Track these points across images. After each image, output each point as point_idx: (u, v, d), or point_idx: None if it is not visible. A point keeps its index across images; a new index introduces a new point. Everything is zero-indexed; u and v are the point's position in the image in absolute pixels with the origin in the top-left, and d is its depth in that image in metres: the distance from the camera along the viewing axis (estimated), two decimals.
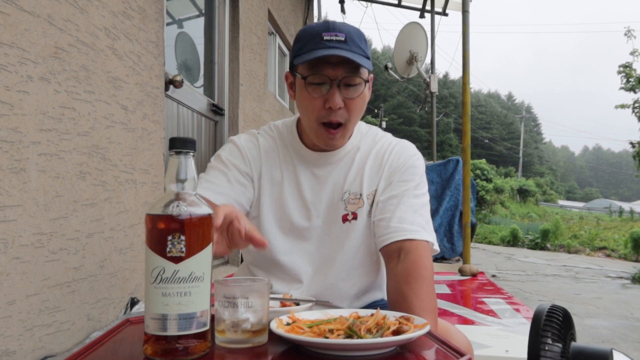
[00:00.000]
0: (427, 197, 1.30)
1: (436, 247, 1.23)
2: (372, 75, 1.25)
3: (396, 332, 0.82)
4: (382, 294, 1.41)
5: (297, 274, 1.29)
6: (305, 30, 1.19)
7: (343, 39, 1.15)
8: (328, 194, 1.29)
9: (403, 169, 1.29)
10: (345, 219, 1.28)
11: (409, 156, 1.31)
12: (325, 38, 1.14)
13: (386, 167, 1.30)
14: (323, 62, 1.15)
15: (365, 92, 1.21)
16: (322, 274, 1.29)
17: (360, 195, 1.29)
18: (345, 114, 1.19)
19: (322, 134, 1.21)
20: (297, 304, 1.04)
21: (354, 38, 1.16)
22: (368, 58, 1.19)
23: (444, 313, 2.59)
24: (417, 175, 1.29)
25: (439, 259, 4.91)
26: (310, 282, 1.28)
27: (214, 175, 1.26)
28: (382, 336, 0.80)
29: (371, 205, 1.28)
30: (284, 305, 1.03)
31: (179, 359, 0.75)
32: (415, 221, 1.20)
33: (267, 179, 1.30)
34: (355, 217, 1.28)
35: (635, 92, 9.62)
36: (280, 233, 1.29)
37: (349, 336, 0.80)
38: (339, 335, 0.80)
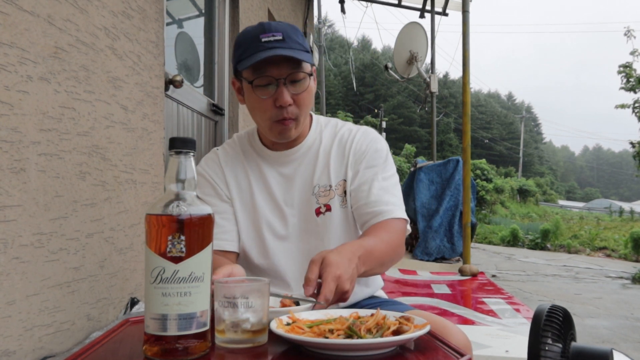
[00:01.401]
0: (396, 178, 1.34)
1: (408, 227, 1.29)
2: (314, 67, 1.29)
3: (396, 332, 0.82)
4: (369, 290, 1.41)
5: (282, 275, 1.29)
6: (243, 35, 1.22)
7: (281, 37, 1.17)
8: (299, 191, 1.31)
9: (367, 154, 1.31)
10: (318, 212, 1.30)
11: (371, 140, 1.34)
12: (263, 40, 1.17)
13: (350, 155, 1.32)
14: (266, 64, 1.17)
15: (311, 85, 1.25)
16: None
17: (330, 186, 1.31)
18: (295, 109, 1.23)
19: (276, 128, 1.24)
20: (297, 304, 1.04)
21: (290, 35, 1.19)
22: (308, 52, 1.22)
23: (444, 313, 2.59)
24: (382, 158, 1.33)
25: (439, 259, 4.91)
26: (297, 281, 1.28)
27: None
28: (382, 336, 0.80)
29: (342, 195, 1.31)
30: (284, 306, 1.03)
31: (179, 359, 0.75)
32: (389, 201, 1.26)
33: (235, 187, 1.34)
34: (328, 208, 1.30)
35: (635, 92, 9.61)
36: (258, 237, 1.31)
37: (349, 336, 0.80)
38: (339, 335, 0.80)
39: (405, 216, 1.27)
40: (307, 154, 1.33)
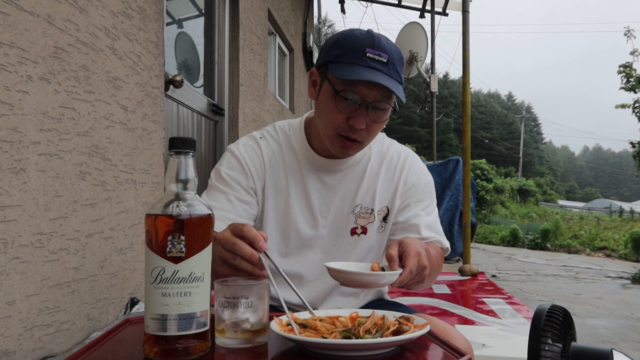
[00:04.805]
0: (436, 209, 1.36)
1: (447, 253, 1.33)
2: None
3: (396, 332, 0.82)
4: (378, 293, 1.42)
5: (298, 280, 1.27)
6: (348, 38, 1.14)
7: (385, 60, 1.11)
8: (337, 204, 1.27)
9: (419, 188, 1.31)
10: (354, 231, 1.27)
11: (420, 173, 1.34)
12: (368, 55, 1.10)
13: (400, 184, 1.30)
14: (360, 81, 1.11)
15: (388, 116, 1.19)
16: (324, 282, 1.27)
17: (372, 210, 1.28)
18: (364, 134, 1.17)
19: (337, 142, 1.18)
20: (383, 270, 1.01)
21: (394, 61, 1.13)
22: (402, 84, 1.16)
23: (444, 313, 2.59)
24: (429, 192, 1.34)
25: None
26: (311, 287, 1.28)
27: (214, 196, 1.21)
28: (382, 336, 0.80)
29: (381, 221, 1.29)
30: (373, 270, 1.01)
31: (179, 359, 0.75)
32: (437, 233, 1.29)
33: (272, 187, 1.26)
34: (365, 231, 1.28)
35: (635, 92, 9.62)
36: (284, 242, 1.26)
37: (348, 337, 0.80)
38: (336, 336, 0.80)
39: (448, 245, 1.30)
40: (355, 168, 1.28)
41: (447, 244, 1.29)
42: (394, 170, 1.31)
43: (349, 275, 0.96)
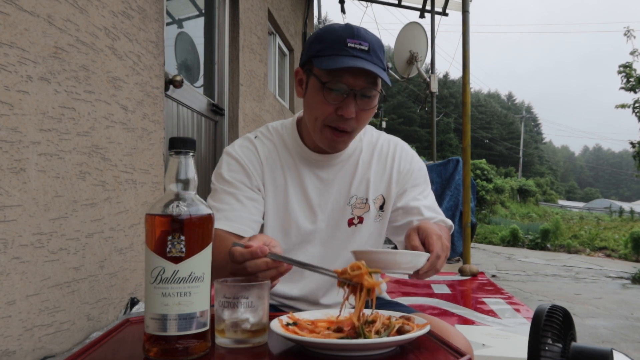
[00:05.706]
0: (432, 193, 1.39)
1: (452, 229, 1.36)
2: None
3: (397, 332, 0.82)
4: (377, 291, 1.42)
5: (299, 274, 1.29)
6: (328, 32, 1.17)
7: (366, 48, 1.14)
8: (334, 197, 1.30)
9: (413, 173, 1.35)
10: (351, 222, 1.30)
11: (412, 158, 1.37)
12: (349, 45, 1.13)
13: (394, 172, 1.33)
14: (344, 71, 1.13)
15: (376, 103, 1.22)
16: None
17: (367, 199, 1.30)
18: (354, 123, 1.19)
19: (327, 135, 1.20)
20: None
21: (375, 49, 1.16)
22: (385, 70, 1.19)
23: (444, 313, 2.59)
24: (423, 177, 1.38)
25: None
26: (312, 280, 1.29)
27: (222, 199, 1.22)
28: (387, 336, 0.80)
29: (378, 210, 1.32)
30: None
31: (179, 359, 0.75)
32: (439, 214, 1.32)
33: (271, 184, 1.28)
34: (361, 220, 1.30)
35: (635, 92, 9.61)
36: (285, 238, 1.28)
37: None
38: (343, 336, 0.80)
39: (451, 223, 1.33)
40: (348, 161, 1.31)
41: (449, 222, 1.32)
42: (385, 159, 1.34)
43: (379, 255, 0.93)
